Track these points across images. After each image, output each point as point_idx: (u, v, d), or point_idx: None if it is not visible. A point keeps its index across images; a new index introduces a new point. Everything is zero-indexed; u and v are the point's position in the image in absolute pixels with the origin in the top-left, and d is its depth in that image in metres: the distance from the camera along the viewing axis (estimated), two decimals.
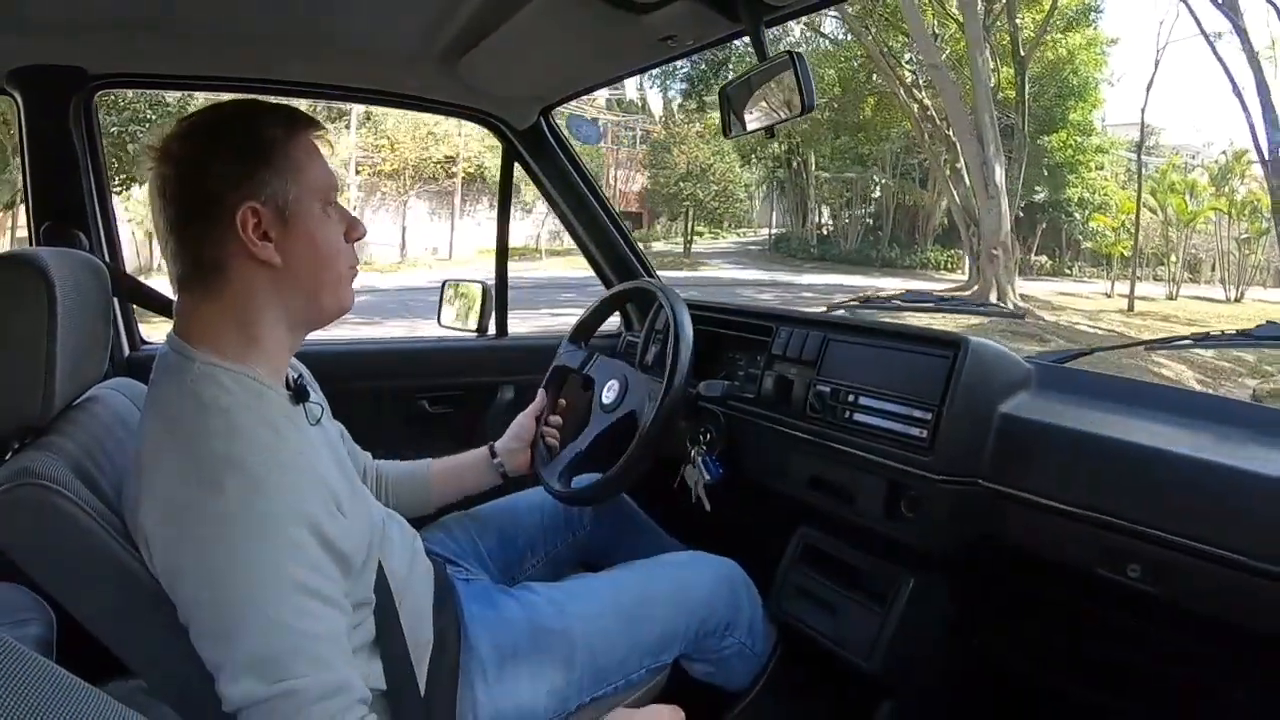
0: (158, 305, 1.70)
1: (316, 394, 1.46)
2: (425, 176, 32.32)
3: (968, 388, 1.61)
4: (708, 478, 1.96)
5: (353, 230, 1.33)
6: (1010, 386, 1.66)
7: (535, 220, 34.71)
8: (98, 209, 2.02)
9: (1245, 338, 1.81)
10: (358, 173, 31.68)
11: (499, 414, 2.60)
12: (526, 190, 32.19)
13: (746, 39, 1.71)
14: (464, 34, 1.92)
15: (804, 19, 24.64)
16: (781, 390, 1.98)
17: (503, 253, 2.78)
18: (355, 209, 31.99)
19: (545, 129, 2.55)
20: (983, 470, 1.60)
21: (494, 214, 2.75)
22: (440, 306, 2.88)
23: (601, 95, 35.96)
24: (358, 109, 29.90)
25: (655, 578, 1.74)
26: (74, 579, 1.08)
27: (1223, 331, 1.84)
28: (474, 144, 31.84)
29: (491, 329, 2.70)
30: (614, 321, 2.78)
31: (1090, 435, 1.47)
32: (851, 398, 1.81)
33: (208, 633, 1.06)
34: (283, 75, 2.06)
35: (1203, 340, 1.84)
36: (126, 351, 2.12)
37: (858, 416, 1.79)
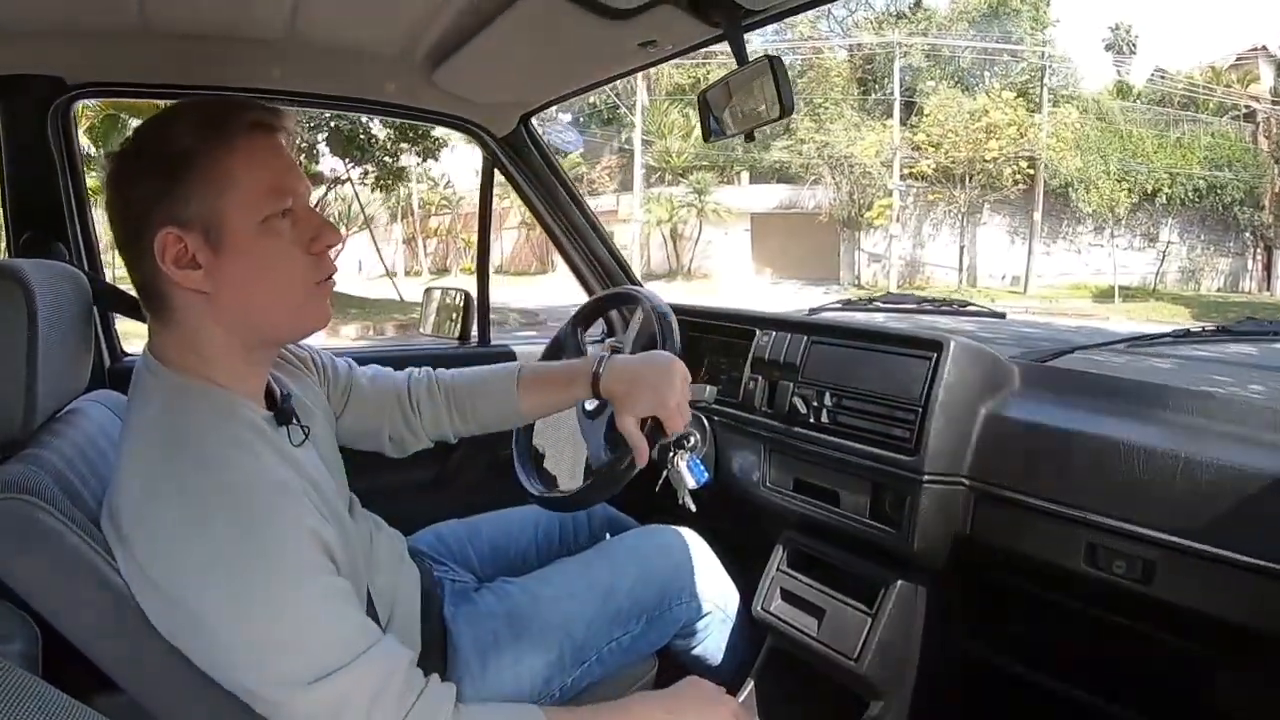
0: (140, 314, 1.67)
1: (313, 400, 1.46)
2: (993, 184, 26.92)
3: (950, 388, 1.62)
4: (692, 483, 1.96)
5: (318, 240, 1.20)
6: (993, 386, 1.67)
7: (1156, 253, 28.04)
8: (77, 219, 2.01)
9: (1225, 334, 1.82)
10: (902, 178, 27.85)
11: None
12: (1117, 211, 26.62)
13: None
14: (443, 41, 1.92)
15: None
16: (764, 394, 1.99)
17: (484, 258, 2.78)
18: (899, 221, 28.12)
19: (526, 136, 2.54)
20: (966, 469, 1.61)
21: (1096, 240, 2.69)
22: (422, 314, 2.87)
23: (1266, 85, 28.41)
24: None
25: (619, 553, 1.75)
26: (58, 594, 1.07)
27: (1203, 328, 1.86)
28: (1037, 133, 26.57)
29: (474, 337, 2.70)
30: (598, 328, 2.78)
31: (1073, 433, 1.48)
32: (834, 400, 1.82)
33: (238, 663, 1.04)
34: (262, 83, 2.04)
35: (1183, 337, 1.86)
36: (108, 363, 2.10)
37: (841, 418, 1.81)
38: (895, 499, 1.68)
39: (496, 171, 2.62)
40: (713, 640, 1.84)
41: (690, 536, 1.84)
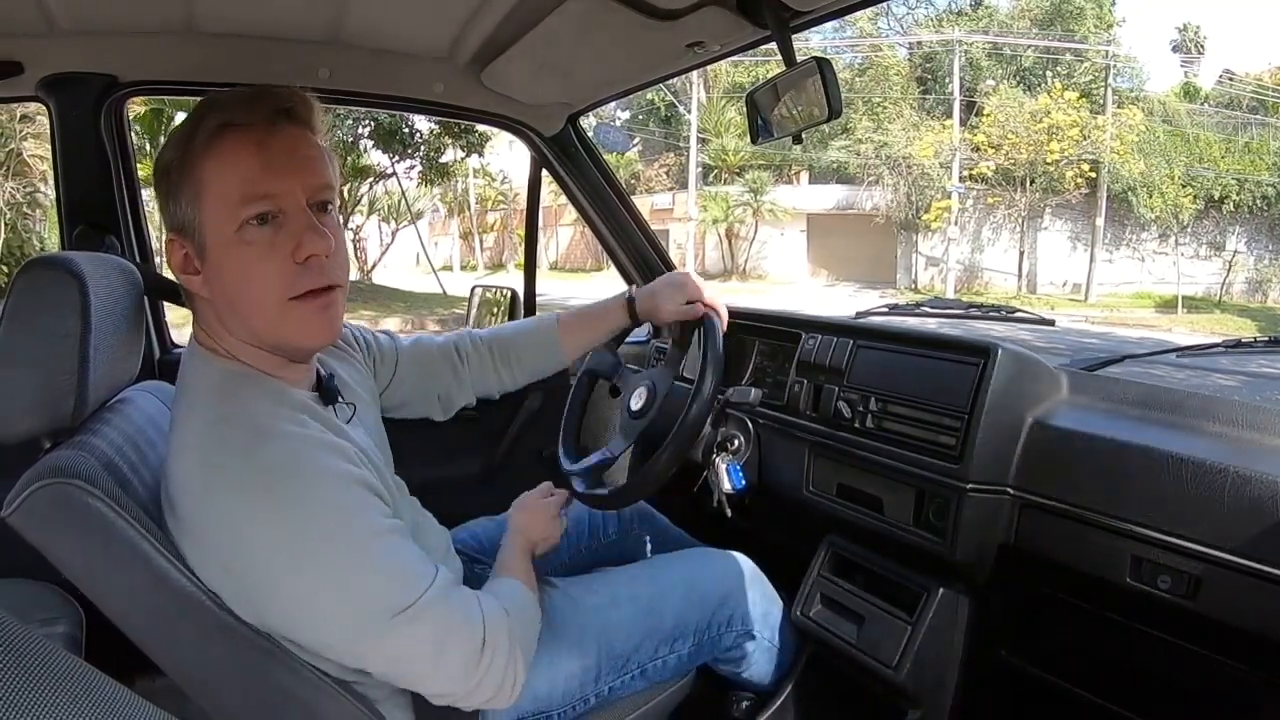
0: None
1: (358, 382, 1.50)
2: (1055, 187, 26.13)
3: (997, 395, 1.60)
4: (728, 487, 1.95)
5: (299, 248, 1.14)
6: (1040, 394, 1.65)
7: (1222, 263, 26.29)
8: (129, 213, 2.05)
9: (1278, 344, 1.79)
10: (961, 180, 26.92)
11: (526, 420, 2.60)
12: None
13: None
14: (490, 41, 1.94)
15: None
16: (809, 397, 1.98)
17: (531, 257, 2.82)
18: (958, 224, 27.05)
19: (573, 136, 2.56)
20: (1012, 478, 1.59)
21: (1160, 248, 2.66)
22: (467, 311, 2.89)
23: None
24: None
25: (668, 571, 1.74)
26: (103, 577, 1.09)
27: (1255, 339, 1.82)
28: (1100, 135, 25.42)
29: None
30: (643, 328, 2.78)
31: (1120, 443, 1.45)
32: (879, 405, 1.80)
33: (326, 618, 1.10)
34: (310, 81, 2.07)
35: (1234, 347, 1.82)
36: (158, 354, 2.14)
37: (886, 424, 1.79)
38: (939, 506, 1.66)
39: (545, 171, 2.64)
40: (760, 666, 1.82)
41: (742, 562, 1.83)
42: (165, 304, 2.17)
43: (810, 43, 26.19)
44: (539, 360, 1.86)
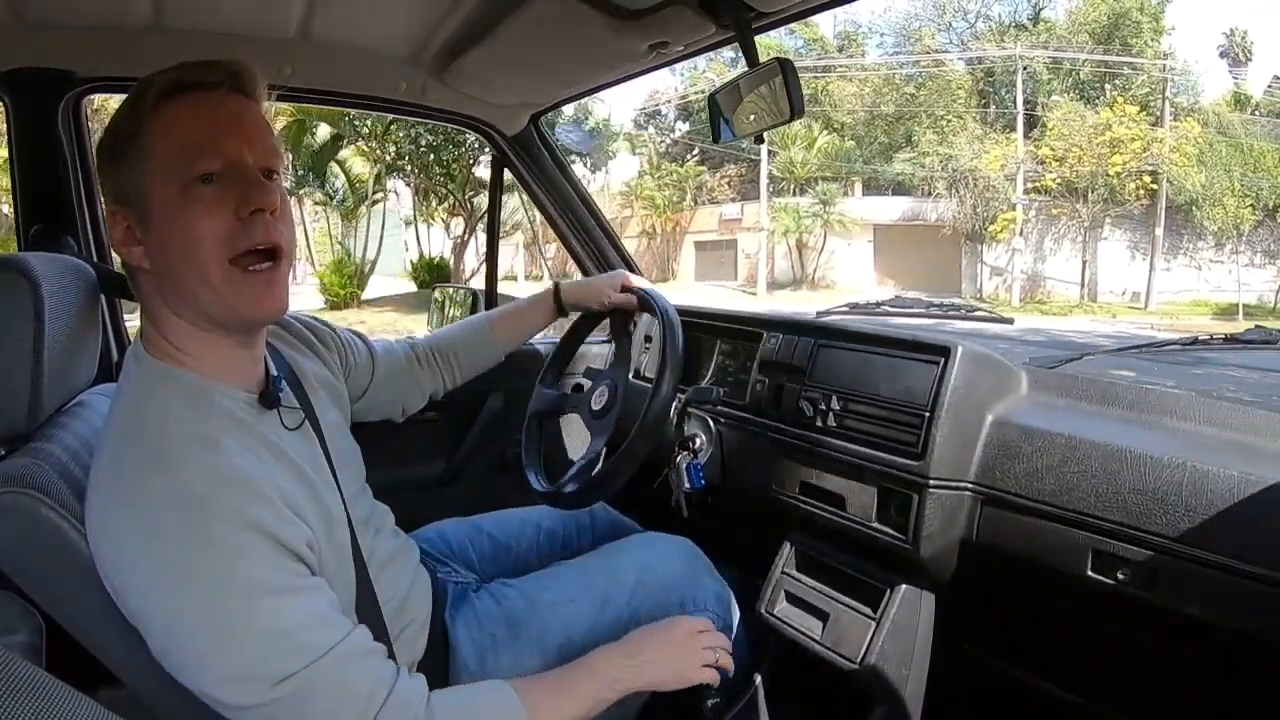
0: None
1: (324, 380, 1.45)
2: (1116, 198, 26.30)
3: (957, 392, 1.61)
4: (688, 485, 1.96)
5: (246, 202, 1.10)
6: (1001, 391, 1.66)
7: (1277, 270, 26.67)
8: (86, 213, 2.01)
9: (1235, 343, 1.82)
10: (1025, 192, 27.15)
11: (487, 421, 2.59)
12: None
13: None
14: (454, 41, 1.93)
15: None
16: (771, 396, 1.98)
17: (493, 258, 2.82)
18: (1022, 235, 27.35)
19: (535, 136, 2.56)
20: (972, 475, 1.60)
21: (1216, 256, 2.64)
22: (430, 313, 2.88)
23: None
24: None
25: (620, 559, 1.73)
26: (60, 587, 1.08)
27: (1211, 336, 1.86)
28: (1160, 147, 25.59)
29: None
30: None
31: (1079, 439, 1.47)
32: (841, 403, 1.81)
33: (190, 667, 1.02)
34: (274, 80, 2.04)
35: (1191, 346, 1.85)
36: (115, 356, 2.11)
37: (848, 422, 1.79)
38: (901, 503, 1.67)
39: (507, 171, 2.64)
40: None
41: (690, 546, 1.83)
42: (124, 307, 2.15)
43: (869, 57, 26.59)
44: (475, 358, 1.93)
